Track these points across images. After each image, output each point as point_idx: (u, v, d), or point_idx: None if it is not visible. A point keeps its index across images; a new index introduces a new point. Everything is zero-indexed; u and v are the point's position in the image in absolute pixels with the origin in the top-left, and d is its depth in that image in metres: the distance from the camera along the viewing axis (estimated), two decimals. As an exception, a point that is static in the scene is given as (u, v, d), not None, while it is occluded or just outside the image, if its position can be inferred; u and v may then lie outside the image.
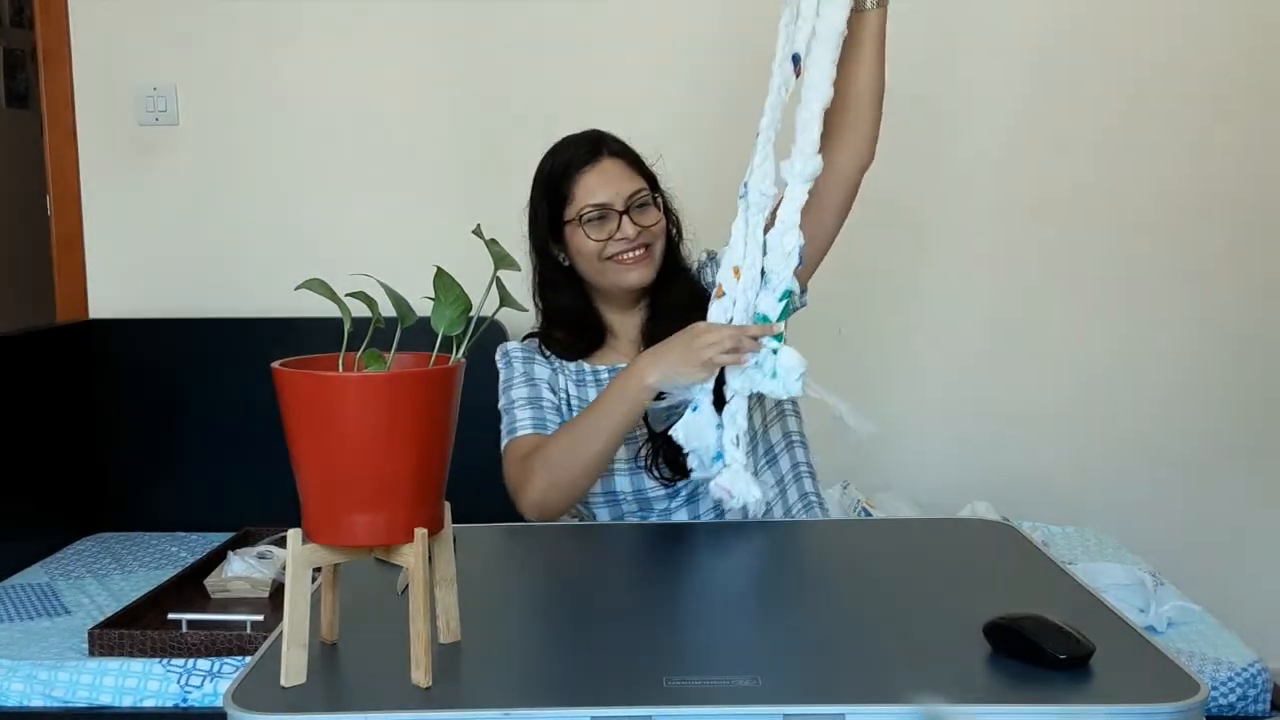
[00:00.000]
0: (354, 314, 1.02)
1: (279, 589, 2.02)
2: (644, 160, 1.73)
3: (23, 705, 1.86)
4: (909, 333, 2.75)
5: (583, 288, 1.75)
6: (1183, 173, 2.69)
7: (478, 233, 1.07)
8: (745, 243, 1.50)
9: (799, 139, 1.50)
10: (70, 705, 1.86)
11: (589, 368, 1.75)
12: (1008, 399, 2.75)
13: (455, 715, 0.94)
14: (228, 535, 2.44)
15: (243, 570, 2.13)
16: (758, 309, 1.50)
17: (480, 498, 1.58)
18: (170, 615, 1.95)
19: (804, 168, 1.49)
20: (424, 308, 1.01)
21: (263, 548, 2.22)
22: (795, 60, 1.49)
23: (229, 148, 2.74)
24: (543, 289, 1.76)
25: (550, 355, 1.75)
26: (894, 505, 2.51)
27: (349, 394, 0.95)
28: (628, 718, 0.92)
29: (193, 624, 1.92)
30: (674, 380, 1.50)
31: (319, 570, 1.03)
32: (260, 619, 1.95)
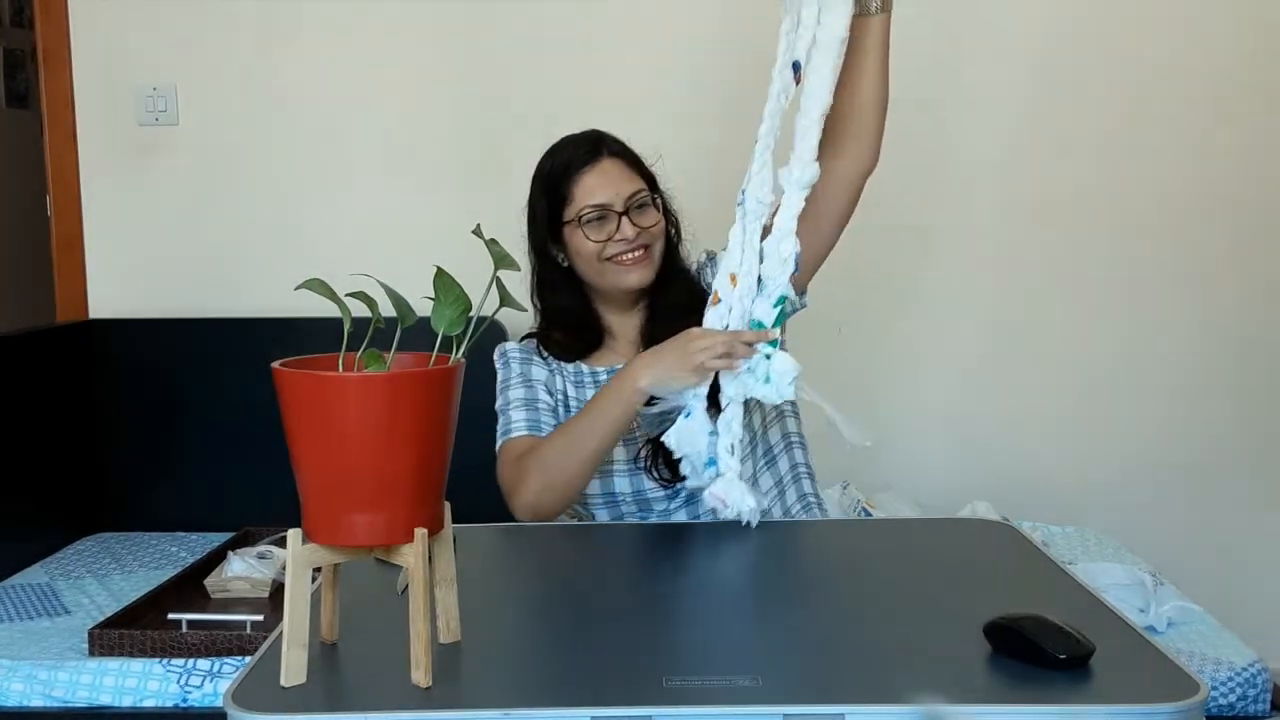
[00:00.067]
0: (354, 314, 1.02)
1: (279, 589, 2.02)
2: (644, 160, 1.73)
3: (23, 705, 1.86)
4: (909, 333, 2.75)
5: (581, 288, 1.75)
6: (1184, 175, 2.69)
7: (478, 233, 1.07)
8: (742, 250, 1.49)
9: (797, 146, 1.49)
10: (70, 705, 1.86)
11: (587, 369, 1.74)
12: (1008, 399, 2.75)
13: (455, 715, 0.94)
14: (228, 535, 2.44)
15: (243, 570, 2.13)
16: (753, 315, 1.49)
17: (480, 498, 1.58)
18: (170, 615, 1.95)
19: (801, 175, 1.48)
20: (424, 308, 1.01)
21: (263, 548, 2.22)
22: (796, 68, 1.48)
23: (229, 148, 2.74)
24: (541, 289, 1.76)
25: (548, 356, 1.75)
26: (894, 505, 2.51)
27: (349, 394, 0.95)
28: (628, 718, 0.92)
29: (193, 624, 1.92)
30: (666, 384, 1.49)
31: (319, 570, 1.03)
32: (260, 619, 1.95)
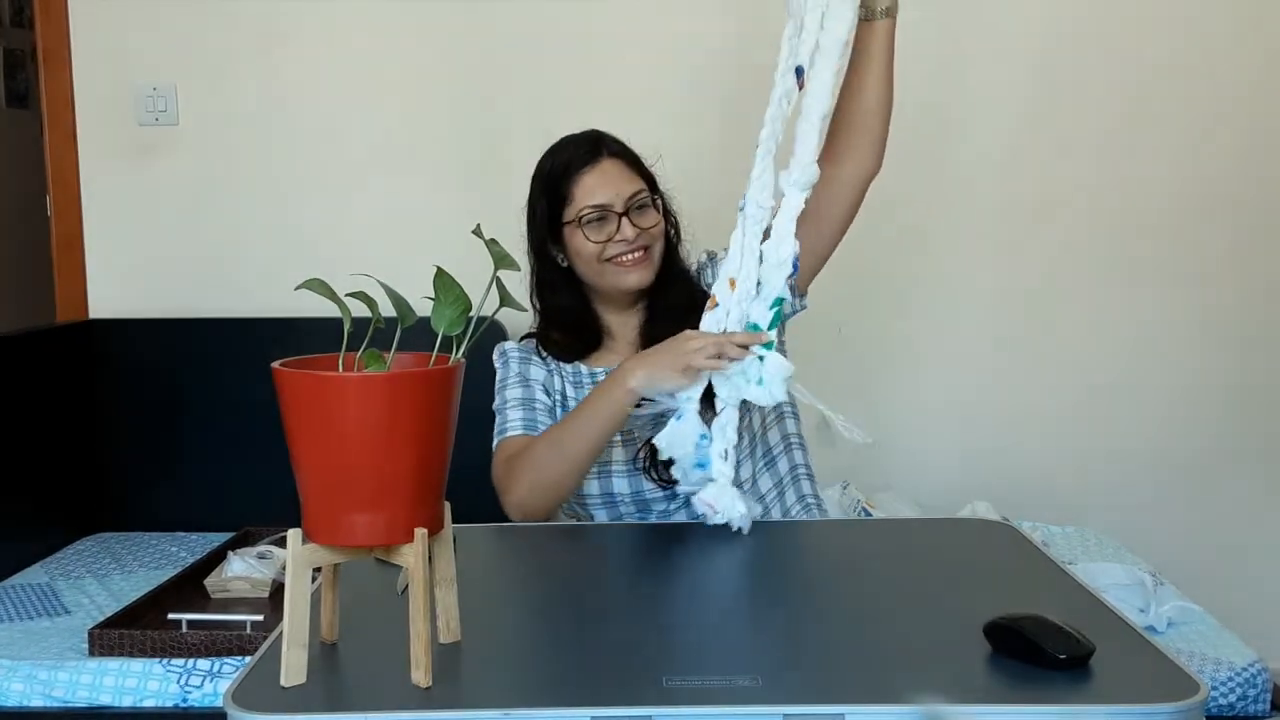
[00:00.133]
0: (354, 314, 1.02)
1: (279, 589, 2.02)
2: (643, 161, 1.73)
3: (23, 705, 1.86)
4: (909, 333, 2.75)
5: (581, 289, 1.74)
6: (1184, 175, 2.69)
7: (478, 233, 1.07)
8: (742, 254, 1.49)
9: (797, 149, 1.49)
10: (70, 705, 1.86)
11: (586, 369, 1.74)
12: (1008, 399, 2.75)
13: (455, 715, 0.94)
14: (228, 535, 2.44)
15: (243, 570, 2.13)
16: (749, 318, 1.49)
17: (480, 498, 1.58)
18: (170, 615, 1.95)
19: (800, 176, 1.48)
20: (424, 308, 1.01)
21: (263, 548, 2.22)
22: (799, 72, 1.47)
23: (229, 148, 2.74)
24: (541, 289, 1.76)
25: (547, 356, 1.74)
26: (894, 505, 2.51)
27: (349, 394, 0.95)
28: (627, 718, 0.92)
29: (193, 624, 1.92)
30: (657, 386, 1.47)
31: (319, 570, 1.03)
32: (260, 619, 1.95)
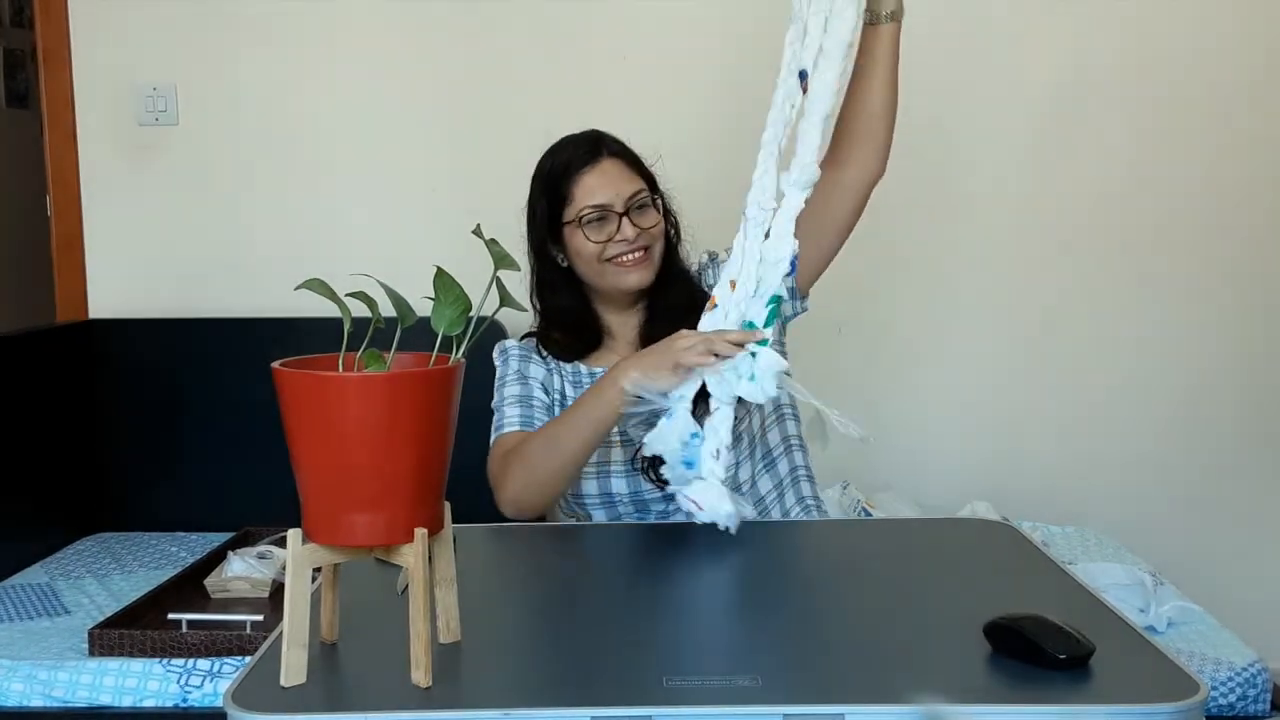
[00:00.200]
0: (354, 314, 1.02)
1: (279, 589, 2.02)
2: (643, 161, 1.73)
3: (23, 705, 1.86)
4: (909, 333, 2.75)
5: (581, 289, 1.74)
6: (1191, 189, 2.68)
7: (478, 233, 1.07)
8: (742, 256, 1.48)
9: (799, 149, 1.48)
10: (70, 705, 1.86)
11: (585, 369, 1.74)
12: (1008, 399, 2.75)
13: (455, 715, 0.94)
14: (228, 535, 2.44)
15: (243, 570, 2.13)
16: (746, 316, 1.48)
17: (480, 498, 1.58)
18: (170, 615, 1.95)
19: (800, 176, 1.48)
20: (424, 308, 1.01)
21: (263, 548, 2.22)
22: (802, 76, 1.47)
23: (229, 148, 2.74)
24: (541, 289, 1.76)
25: (547, 355, 1.75)
26: (894, 505, 2.51)
27: (349, 394, 0.95)
28: (627, 718, 0.92)
29: (193, 624, 1.92)
30: (647, 385, 1.46)
31: (319, 570, 1.03)
32: (260, 619, 1.94)
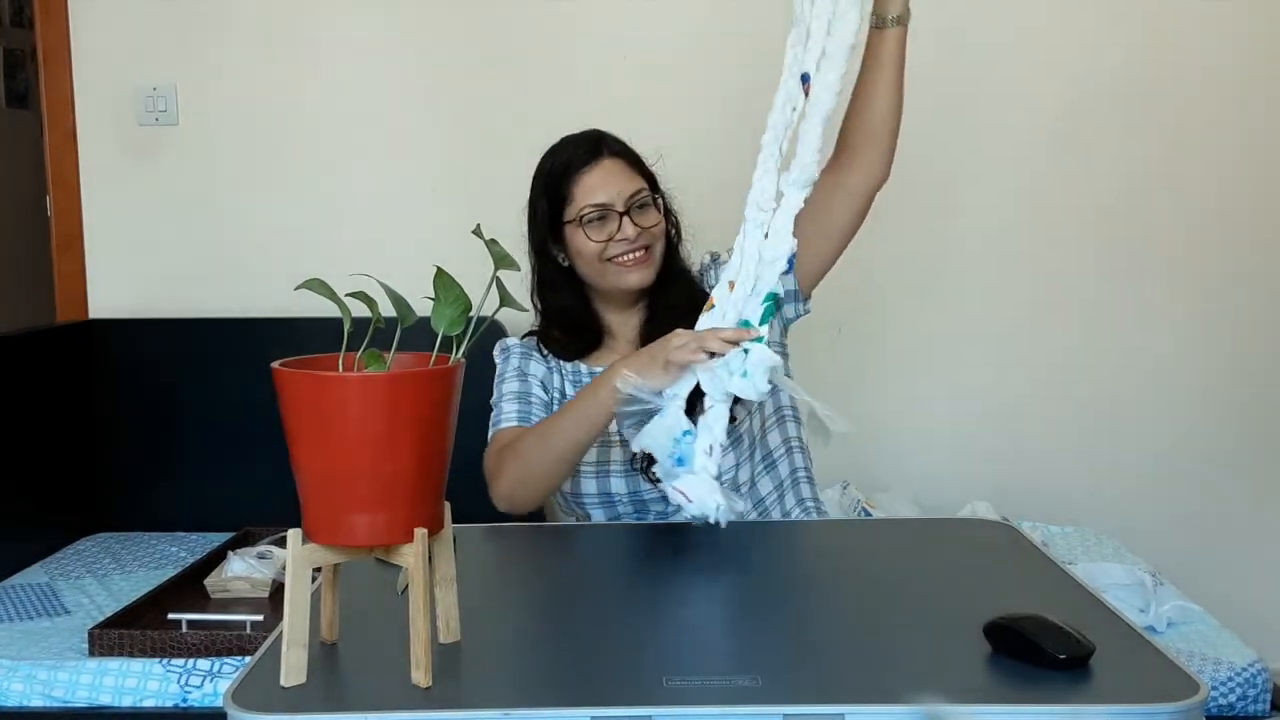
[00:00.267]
0: (354, 314, 1.02)
1: (279, 589, 2.02)
2: (644, 160, 1.73)
3: (23, 705, 1.86)
4: (909, 334, 2.75)
5: (581, 288, 1.74)
6: (1192, 195, 2.68)
7: (478, 233, 1.07)
8: (742, 257, 1.48)
9: (799, 149, 1.48)
10: (70, 705, 1.86)
11: (585, 368, 1.74)
12: (1008, 400, 2.75)
13: (455, 715, 0.94)
14: (228, 535, 2.44)
15: (243, 570, 2.13)
16: (742, 315, 1.48)
17: (480, 498, 1.58)
18: (170, 615, 1.95)
19: (799, 176, 1.47)
20: (424, 308, 1.01)
21: (263, 548, 2.22)
22: (805, 79, 1.46)
23: (229, 148, 2.74)
24: (541, 289, 1.76)
25: (548, 354, 1.75)
26: (894, 505, 2.51)
27: (349, 394, 0.95)
28: (627, 718, 0.92)
29: (193, 624, 1.92)
30: (641, 384, 1.44)
31: (319, 570, 1.03)
32: (260, 619, 1.95)
